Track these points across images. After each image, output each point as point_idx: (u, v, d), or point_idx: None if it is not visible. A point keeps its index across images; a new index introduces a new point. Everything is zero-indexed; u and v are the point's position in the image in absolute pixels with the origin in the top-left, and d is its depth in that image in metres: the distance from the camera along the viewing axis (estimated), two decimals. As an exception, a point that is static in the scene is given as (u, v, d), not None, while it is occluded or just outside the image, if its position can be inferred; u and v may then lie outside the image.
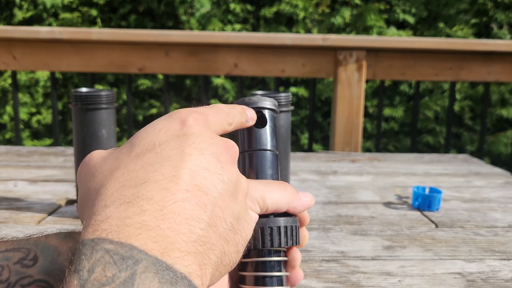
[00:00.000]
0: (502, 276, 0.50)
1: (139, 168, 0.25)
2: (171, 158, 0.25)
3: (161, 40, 1.43)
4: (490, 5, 2.99)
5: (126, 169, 0.25)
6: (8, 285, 0.29)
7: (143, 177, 0.24)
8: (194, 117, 0.29)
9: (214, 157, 0.27)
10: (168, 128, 0.27)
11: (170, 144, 0.26)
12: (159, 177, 0.24)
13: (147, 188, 0.23)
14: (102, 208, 0.23)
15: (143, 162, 0.25)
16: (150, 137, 0.27)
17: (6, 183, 0.83)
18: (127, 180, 0.24)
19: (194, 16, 3.00)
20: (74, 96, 0.62)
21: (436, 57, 1.48)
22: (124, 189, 0.24)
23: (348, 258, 0.54)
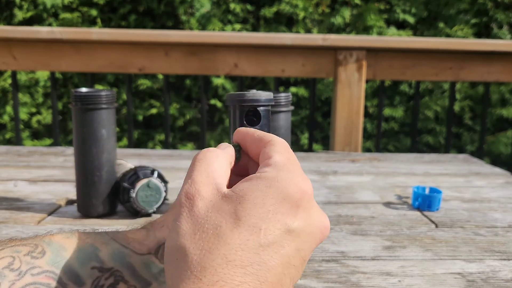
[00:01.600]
0: (502, 276, 0.50)
1: (243, 264, 0.25)
2: (268, 263, 0.25)
3: (161, 40, 1.43)
4: (490, 5, 2.99)
5: (223, 256, 0.25)
6: (20, 273, 0.31)
7: (241, 278, 0.24)
8: (304, 205, 0.27)
9: (304, 259, 0.27)
10: (279, 210, 0.26)
11: (275, 244, 0.25)
12: (255, 282, 0.24)
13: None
14: None
15: (246, 258, 0.25)
16: (257, 214, 0.26)
17: (6, 183, 0.83)
18: (220, 275, 0.24)
19: (194, 16, 3.00)
20: (74, 96, 0.62)
21: (436, 57, 1.48)
22: (225, 285, 0.24)
23: (348, 258, 0.54)
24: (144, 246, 0.35)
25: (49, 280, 0.32)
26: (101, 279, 0.33)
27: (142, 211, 0.65)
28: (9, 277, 0.30)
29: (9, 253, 0.32)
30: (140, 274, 0.34)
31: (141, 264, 0.35)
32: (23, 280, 0.31)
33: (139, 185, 0.63)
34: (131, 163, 0.72)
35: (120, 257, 0.34)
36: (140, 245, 0.35)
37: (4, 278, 0.30)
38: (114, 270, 0.34)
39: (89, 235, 0.35)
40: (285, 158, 0.29)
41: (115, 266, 0.34)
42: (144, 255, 0.35)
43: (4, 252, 0.32)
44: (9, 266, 0.31)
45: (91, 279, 0.33)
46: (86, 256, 0.33)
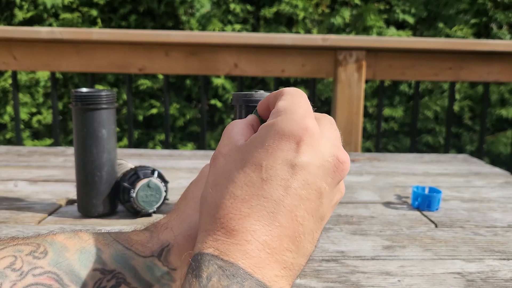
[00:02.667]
0: (502, 276, 0.50)
1: (247, 197, 0.28)
2: (274, 195, 0.27)
3: (161, 40, 1.43)
4: (489, 5, 2.99)
5: (231, 193, 0.28)
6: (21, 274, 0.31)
7: (248, 210, 0.27)
8: (307, 141, 0.28)
9: (317, 185, 0.28)
10: (279, 147, 0.28)
11: (277, 177, 0.28)
12: (262, 213, 0.27)
13: (251, 221, 0.27)
14: (213, 231, 0.27)
15: (250, 192, 0.28)
16: (257, 154, 0.28)
17: (7, 183, 0.83)
18: (235, 210, 0.27)
19: (194, 16, 3.00)
20: (74, 96, 0.62)
21: (436, 57, 1.48)
22: (231, 218, 0.27)
23: (348, 258, 0.54)
24: (147, 249, 0.35)
25: (50, 281, 0.31)
26: (103, 281, 0.33)
27: (142, 211, 0.65)
28: (10, 277, 0.30)
29: (11, 252, 0.31)
30: (142, 277, 0.34)
31: (144, 267, 0.35)
32: (24, 280, 0.31)
33: (139, 185, 0.63)
34: (132, 163, 0.72)
35: (122, 259, 0.34)
36: (143, 247, 0.35)
37: (6, 278, 0.30)
38: (116, 272, 0.34)
39: (92, 236, 0.35)
40: (288, 102, 0.30)
41: (117, 268, 0.34)
42: (147, 257, 0.35)
43: (6, 251, 0.32)
44: (11, 266, 0.31)
45: (93, 281, 0.33)
46: (89, 257, 0.33)
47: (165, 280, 0.35)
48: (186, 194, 0.40)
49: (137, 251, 0.35)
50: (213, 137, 3.01)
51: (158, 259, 0.35)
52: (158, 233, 0.36)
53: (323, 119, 0.31)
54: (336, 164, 0.29)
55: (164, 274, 0.35)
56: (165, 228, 0.37)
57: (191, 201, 0.38)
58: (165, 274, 0.35)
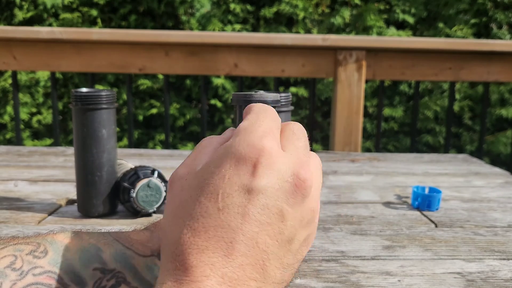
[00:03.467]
0: (502, 276, 0.50)
1: (204, 230, 0.26)
2: (231, 224, 0.26)
3: (161, 40, 1.43)
4: (489, 5, 2.99)
5: (188, 226, 0.26)
6: (21, 273, 0.31)
7: (206, 243, 0.26)
8: (264, 163, 0.27)
9: (278, 208, 0.27)
10: (235, 173, 0.27)
11: (234, 205, 0.26)
12: (220, 244, 0.26)
13: (209, 254, 0.25)
14: (178, 268, 0.26)
15: (207, 223, 0.26)
16: (214, 182, 0.27)
17: (7, 183, 0.83)
18: (187, 244, 0.26)
19: (194, 16, 3.00)
20: (74, 96, 0.62)
21: (436, 57, 1.48)
22: (189, 253, 0.26)
23: (348, 258, 0.54)
24: (148, 248, 0.35)
25: (50, 280, 0.31)
26: (102, 280, 0.33)
27: (142, 211, 0.65)
28: (10, 277, 0.30)
29: (11, 251, 0.31)
30: (142, 276, 0.34)
31: (144, 266, 0.35)
32: (24, 280, 0.31)
33: (139, 185, 0.64)
34: (132, 163, 0.72)
35: (122, 258, 0.34)
36: (144, 247, 0.35)
37: (6, 278, 0.30)
38: (116, 271, 0.34)
39: (92, 235, 0.35)
40: (249, 121, 0.29)
41: (117, 268, 0.34)
42: (147, 257, 0.35)
43: (6, 250, 0.32)
44: (11, 266, 0.31)
45: (93, 280, 0.33)
46: (89, 257, 0.33)
47: None
48: None
49: (137, 251, 0.35)
50: (213, 137, 3.01)
51: (158, 258, 0.35)
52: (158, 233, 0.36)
53: (286, 130, 0.30)
54: (296, 183, 0.27)
55: None
56: None
57: None
58: None
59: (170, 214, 0.28)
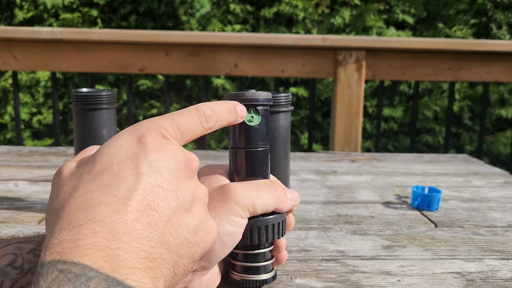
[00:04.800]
0: (502, 276, 0.50)
1: (94, 190, 0.26)
2: (125, 178, 0.26)
3: (162, 41, 1.43)
4: (489, 5, 2.99)
5: (83, 191, 0.26)
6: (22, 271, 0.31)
7: (97, 199, 0.26)
8: (153, 134, 0.29)
9: (171, 175, 0.28)
10: (129, 145, 0.28)
11: (127, 163, 0.27)
12: (111, 200, 0.26)
13: (99, 211, 0.25)
14: (58, 231, 0.25)
15: (99, 183, 0.26)
16: (110, 154, 0.28)
17: (7, 183, 0.83)
18: (82, 203, 0.26)
19: (194, 17, 3.00)
20: (74, 96, 0.62)
21: (436, 57, 1.49)
22: (78, 211, 0.25)
23: (347, 258, 0.54)
24: None
25: None
26: None
27: (142, 210, 0.65)
28: (11, 275, 0.31)
29: (12, 250, 0.32)
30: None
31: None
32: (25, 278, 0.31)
33: (139, 185, 0.64)
34: (132, 163, 0.72)
35: None
36: None
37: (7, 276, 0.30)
38: None
39: None
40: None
41: None
42: None
43: (7, 249, 0.32)
44: (12, 264, 0.31)
45: None
46: None
47: None
48: None
49: None
50: (213, 137, 3.01)
51: None
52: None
53: None
54: (187, 160, 0.29)
55: None
56: None
57: None
58: None
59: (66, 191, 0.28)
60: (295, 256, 0.54)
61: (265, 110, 0.38)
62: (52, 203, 0.28)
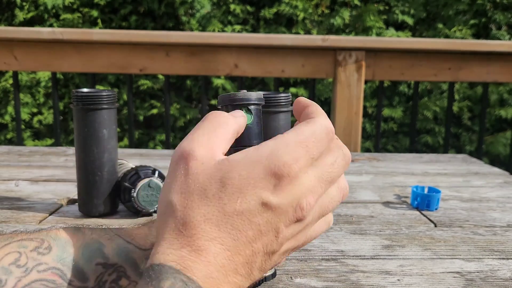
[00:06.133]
0: (501, 275, 0.50)
1: (217, 223, 0.29)
2: (240, 227, 0.29)
3: (162, 41, 1.43)
4: (489, 6, 2.99)
5: (203, 215, 0.29)
6: (26, 270, 0.31)
7: (216, 234, 0.29)
8: (285, 183, 0.29)
9: (276, 230, 0.30)
10: (259, 184, 0.29)
11: (248, 211, 0.29)
12: (227, 240, 0.29)
13: (216, 245, 0.29)
14: (184, 247, 0.28)
15: (221, 219, 0.29)
16: (239, 185, 0.29)
17: (8, 183, 0.83)
18: (197, 229, 0.29)
19: (194, 17, 3.00)
20: (75, 96, 0.62)
21: (435, 57, 1.49)
22: (201, 238, 0.29)
23: (347, 257, 0.54)
24: (148, 242, 0.36)
25: (54, 276, 0.32)
26: (104, 275, 0.34)
27: (143, 210, 0.65)
28: (15, 274, 0.31)
29: (15, 248, 0.32)
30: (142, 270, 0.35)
31: (144, 259, 0.35)
32: (29, 276, 0.31)
33: (140, 184, 0.64)
34: (132, 163, 0.73)
35: (124, 253, 0.35)
36: (143, 240, 0.36)
37: (11, 275, 0.31)
38: (117, 266, 0.34)
39: (95, 231, 0.35)
40: (293, 133, 0.31)
41: (119, 262, 0.34)
42: (147, 250, 0.35)
43: (10, 247, 0.32)
44: (16, 262, 0.31)
45: (95, 275, 0.33)
46: (91, 252, 0.34)
47: None
48: None
49: (138, 245, 0.35)
50: (213, 137, 3.01)
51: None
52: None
53: (329, 157, 0.32)
54: (298, 216, 0.30)
55: None
56: None
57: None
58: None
59: (180, 192, 0.30)
60: (295, 256, 0.54)
61: (257, 109, 0.38)
62: (176, 197, 0.30)
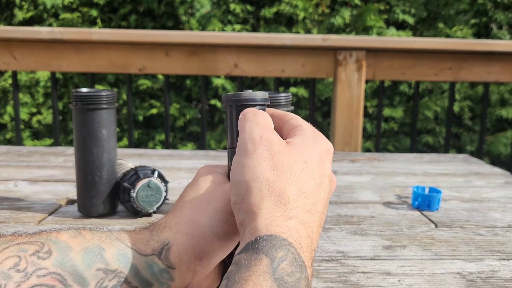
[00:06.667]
0: (502, 276, 0.50)
1: (309, 196, 0.33)
2: (320, 196, 0.34)
3: (161, 41, 1.43)
4: (489, 6, 2.99)
5: (298, 189, 0.33)
6: (26, 275, 0.31)
7: (310, 207, 0.33)
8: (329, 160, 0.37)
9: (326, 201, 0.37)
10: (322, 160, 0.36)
11: (324, 184, 0.35)
12: (317, 209, 0.34)
13: (312, 218, 0.33)
14: (289, 218, 0.31)
15: (311, 193, 0.34)
16: (315, 161, 0.35)
17: (7, 183, 0.83)
18: (298, 202, 0.32)
19: (194, 17, 3.00)
20: (74, 96, 0.62)
21: (436, 57, 1.49)
22: (301, 211, 0.32)
23: (348, 258, 0.54)
24: (149, 247, 0.35)
25: (54, 282, 0.31)
26: (105, 280, 0.33)
27: (142, 210, 0.65)
28: (15, 279, 0.30)
29: (15, 252, 0.31)
30: (142, 275, 0.35)
31: (145, 265, 0.35)
32: (29, 281, 0.30)
33: (139, 185, 0.64)
34: (132, 163, 0.72)
35: (124, 258, 0.34)
36: (145, 246, 0.35)
37: (10, 280, 0.30)
38: (118, 271, 0.34)
39: (95, 234, 0.35)
40: (309, 126, 0.38)
41: (119, 268, 0.34)
42: (148, 256, 0.35)
43: (10, 251, 0.31)
44: (15, 267, 0.31)
45: (95, 280, 0.33)
46: (92, 257, 0.33)
47: (164, 279, 0.35)
48: (183, 197, 0.40)
49: (139, 250, 0.35)
50: (213, 137, 3.01)
51: (159, 257, 0.35)
52: (158, 232, 0.37)
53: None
54: (330, 179, 0.37)
55: (163, 273, 0.35)
56: (164, 227, 0.37)
57: (188, 202, 0.39)
58: (165, 272, 0.35)
59: (271, 166, 0.33)
60: (295, 257, 0.53)
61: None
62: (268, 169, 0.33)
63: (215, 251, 0.36)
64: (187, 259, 0.36)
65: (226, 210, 0.37)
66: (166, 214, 0.39)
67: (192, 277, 0.36)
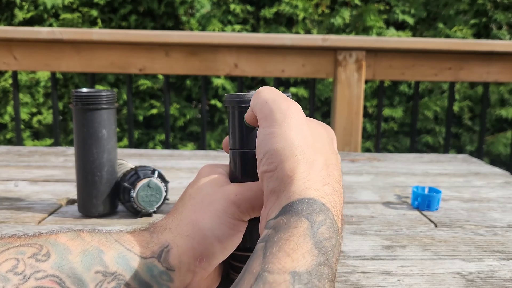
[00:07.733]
0: (501, 276, 0.50)
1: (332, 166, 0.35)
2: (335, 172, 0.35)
3: (162, 41, 1.43)
4: (489, 6, 2.99)
5: (325, 160, 0.34)
6: (24, 277, 0.31)
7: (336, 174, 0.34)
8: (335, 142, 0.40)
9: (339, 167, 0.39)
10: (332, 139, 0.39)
11: (337, 160, 0.37)
12: (340, 178, 0.35)
13: (339, 187, 0.34)
14: (326, 184, 0.32)
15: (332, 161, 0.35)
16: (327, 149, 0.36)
17: (7, 183, 0.83)
18: (328, 170, 0.34)
19: (194, 17, 3.00)
20: (74, 96, 0.62)
21: (436, 57, 1.49)
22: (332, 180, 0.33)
23: (347, 258, 0.54)
24: (148, 250, 0.35)
25: (53, 284, 0.31)
26: (104, 283, 0.33)
27: (142, 211, 0.65)
28: (13, 281, 0.30)
29: (13, 254, 0.31)
30: (142, 278, 0.35)
31: (144, 268, 0.35)
32: (27, 284, 0.30)
33: (139, 185, 0.64)
34: (132, 163, 0.72)
35: (124, 260, 0.34)
36: (144, 248, 0.35)
37: (8, 282, 0.30)
38: (117, 274, 0.34)
39: (94, 236, 0.35)
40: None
41: (118, 270, 0.34)
42: (147, 258, 0.35)
43: (8, 253, 0.31)
44: (13, 270, 0.30)
45: (94, 283, 0.33)
46: (91, 259, 0.33)
47: (164, 281, 0.35)
48: (184, 196, 0.40)
49: (138, 253, 0.35)
50: (213, 137, 3.01)
51: (158, 260, 0.35)
52: (158, 234, 0.37)
53: None
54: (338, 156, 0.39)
55: (163, 275, 0.35)
56: (164, 229, 0.37)
57: (189, 203, 0.38)
58: (164, 274, 0.35)
59: (303, 137, 0.34)
60: (295, 256, 0.53)
61: None
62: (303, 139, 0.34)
63: (215, 253, 0.36)
64: (187, 261, 0.36)
65: (227, 212, 0.36)
66: (167, 215, 0.39)
67: (192, 278, 0.36)
